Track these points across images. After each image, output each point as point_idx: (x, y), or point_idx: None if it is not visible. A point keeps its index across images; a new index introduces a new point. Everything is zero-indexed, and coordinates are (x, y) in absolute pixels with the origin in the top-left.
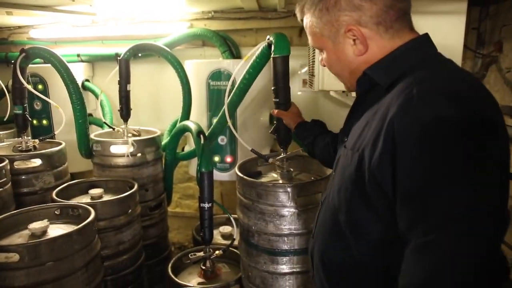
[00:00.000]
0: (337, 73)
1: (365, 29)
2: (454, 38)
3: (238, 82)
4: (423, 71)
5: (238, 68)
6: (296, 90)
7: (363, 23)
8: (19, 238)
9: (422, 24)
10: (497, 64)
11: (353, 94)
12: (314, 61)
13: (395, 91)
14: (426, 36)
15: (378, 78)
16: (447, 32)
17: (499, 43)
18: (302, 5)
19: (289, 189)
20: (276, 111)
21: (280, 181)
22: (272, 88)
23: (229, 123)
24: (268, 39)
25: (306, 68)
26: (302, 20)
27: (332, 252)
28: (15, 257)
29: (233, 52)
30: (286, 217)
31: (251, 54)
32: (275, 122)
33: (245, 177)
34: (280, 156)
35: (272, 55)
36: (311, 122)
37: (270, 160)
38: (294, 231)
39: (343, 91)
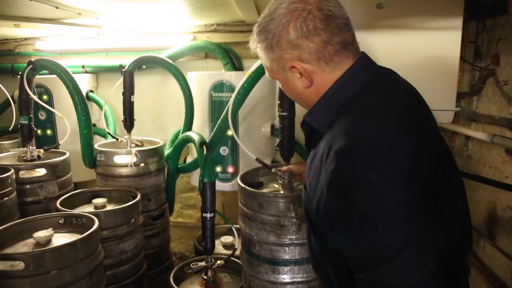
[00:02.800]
0: (294, 99)
1: (307, 64)
2: (451, 52)
3: (235, 93)
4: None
5: (242, 82)
6: None
7: (304, 59)
8: (24, 246)
9: (419, 39)
10: (494, 77)
11: None
12: None
13: (324, 144)
14: (360, 61)
15: (317, 125)
16: (443, 47)
17: (496, 56)
18: (252, 43)
19: (290, 200)
20: (285, 167)
21: (281, 192)
22: (278, 102)
23: (234, 134)
24: None
25: None
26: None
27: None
28: (20, 265)
29: (235, 64)
30: (287, 227)
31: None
32: (280, 136)
33: (246, 187)
34: (280, 168)
35: None
36: None
37: (273, 170)
38: (295, 241)
39: None
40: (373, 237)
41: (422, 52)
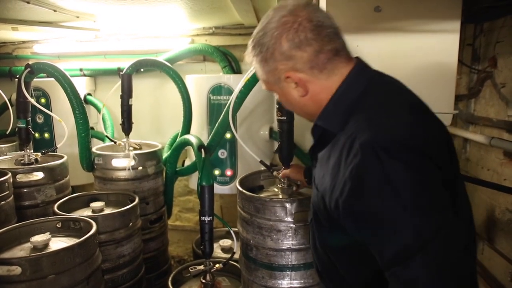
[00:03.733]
0: (291, 109)
1: (302, 74)
2: (449, 55)
3: (234, 97)
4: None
5: (240, 87)
6: None
7: (298, 69)
8: (21, 251)
9: (417, 42)
10: (492, 80)
11: None
12: None
13: (344, 139)
14: (359, 63)
15: (330, 127)
16: (441, 50)
17: (494, 59)
18: (248, 57)
19: (286, 204)
20: (281, 173)
21: (280, 196)
22: (276, 106)
23: (236, 135)
24: None
25: None
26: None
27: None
28: (17, 270)
29: (234, 67)
30: (284, 232)
31: (251, 75)
32: (279, 140)
33: (243, 191)
34: (281, 171)
35: None
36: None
37: (274, 173)
38: (292, 246)
39: None
40: (404, 231)
41: (420, 55)
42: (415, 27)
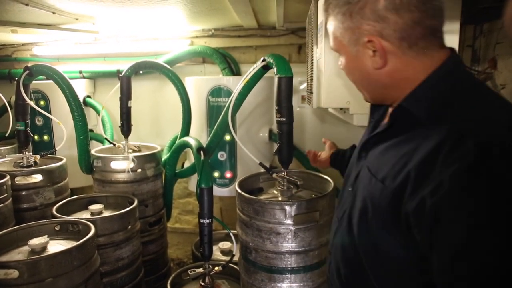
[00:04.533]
0: (354, 81)
1: (387, 42)
2: None
3: (233, 99)
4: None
5: (239, 89)
6: (295, 106)
7: (385, 35)
8: (18, 254)
9: None
10: (492, 81)
11: (356, 110)
12: (312, 78)
13: (437, 138)
14: (455, 55)
15: (418, 113)
16: None
17: (493, 60)
18: (327, 6)
19: (286, 207)
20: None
21: (279, 198)
22: (276, 107)
23: (235, 137)
24: (264, 60)
25: (304, 85)
26: (325, 18)
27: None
28: (14, 273)
29: (233, 69)
30: (283, 234)
31: (250, 76)
32: (278, 142)
33: (242, 193)
34: (281, 174)
35: (276, 76)
36: (340, 152)
37: (274, 175)
38: (291, 249)
39: (341, 108)
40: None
41: None
42: None
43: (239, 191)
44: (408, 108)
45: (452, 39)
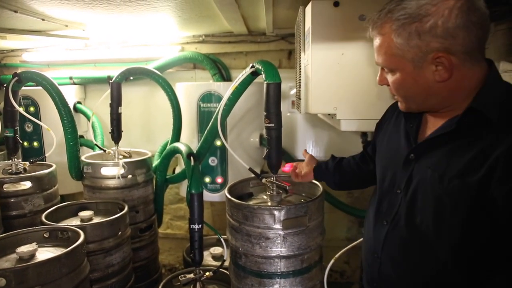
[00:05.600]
0: (408, 95)
1: (454, 57)
2: None
3: (222, 105)
4: None
5: (228, 95)
6: (286, 111)
7: (452, 51)
8: (6, 262)
9: None
10: None
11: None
12: (300, 84)
13: None
14: (491, 61)
15: (490, 115)
16: None
17: None
18: (382, 23)
19: (275, 212)
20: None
21: (268, 203)
22: (264, 113)
23: (225, 143)
24: (252, 66)
25: (295, 90)
26: (377, 34)
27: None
28: (1, 281)
29: (223, 75)
30: (272, 239)
31: (239, 82)
32: (267, 147)
33: (232, 198)
34: (270, 179)
35: (265, 82)
36: (323, 165)
37: (263, 180)
38: (281, 254)
39: (329, 114)
40: None
41: None
42: None
43: (229, 196)
44: (482, 111)
45: None
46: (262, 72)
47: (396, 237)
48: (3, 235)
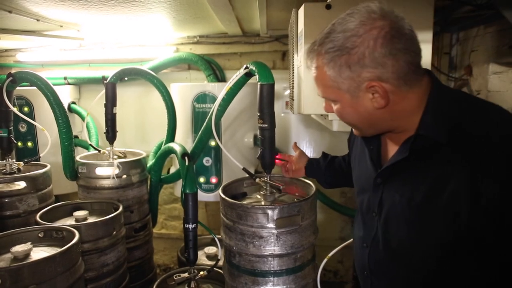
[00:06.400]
0: (353, 123)
1: (387, 84)
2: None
3: (216, 106)
4: (476, 124)
5: (222, 95)
6: (280, 112)
7: (384, 78)
8: (1, 262)
9: None
10: (468, 87)
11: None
12: (293, 85)
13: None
14: (433, 74)
15: (439, 138)
16: None
17: (469, 67)
18: (314, 56)
19: (268, 211)
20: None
21: (262, 203)
22: (258, 114)
23: (219, 143)
24: (246, 67)
25: (288, 91)
26: (312, 67)
27: None
28: None
29: (218, 76)
30: (266, 238)
31: (233, 83)
32: (260, 148)
33: (226, 198)
34: (264, 179)
35: (258, 83)
36: (314, 163)
37: (257, 180)
38: (274, 253)
39: (322, 115)
40: None
41: None
42: None
43: (223, 196)
44: (429, 135)
45: (425, 48)
46: (256, 73)
47: (378, 260)
48: None
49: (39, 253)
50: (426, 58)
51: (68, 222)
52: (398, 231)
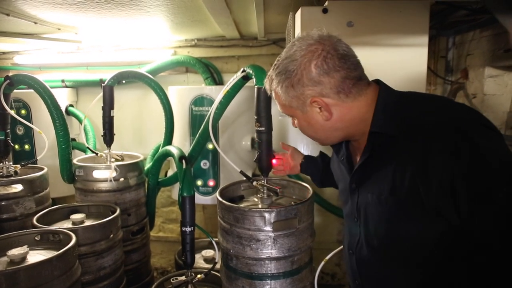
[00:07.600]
0: (312, 135)
1: (328, 98)
2: (418, 66)
3: (213, 109)
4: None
5: (219, 98)
6: (277, 115)
7: (325, 94)
8: None
9: (388, 55)
10: (464, 90)
11: None
12: None
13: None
14: (382, 83)
15: (392, 132)
16: (411, 62)
17: (465, 70)
18: (270, 82)
19: (265, 214)
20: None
21: (259, 206)
22: (255, 117)
23: (216, 146)
24: (244, 71)
25: None
26: (271, 90)
27: None
28: None
29: (216, 79)
30: (263, 241)
31: (230, 86)
32: (258, 150)
33: (223, 201)
34: (261, 182)
35: (255, 86)
36: (311, 160)
37: (254, 183)
38: (271, 256)
39: None
40: None
41: (391, 68)
42: (386, 41)
43: (220, 199)
44: (381, 131)
45: (421, 51)
46: (253, 76)
47: (365, 264)
48: None
49: (36, 256)
50: (422, 61)
51: (65, 225)
52: (376, 230)
